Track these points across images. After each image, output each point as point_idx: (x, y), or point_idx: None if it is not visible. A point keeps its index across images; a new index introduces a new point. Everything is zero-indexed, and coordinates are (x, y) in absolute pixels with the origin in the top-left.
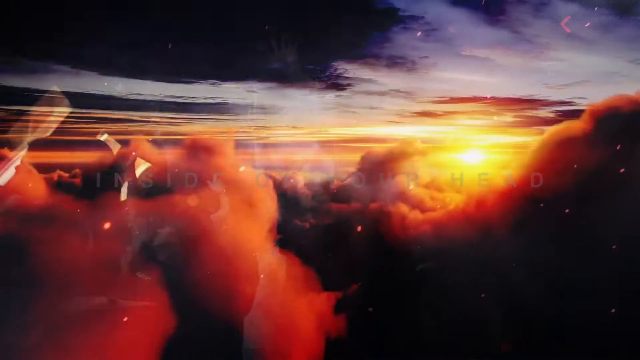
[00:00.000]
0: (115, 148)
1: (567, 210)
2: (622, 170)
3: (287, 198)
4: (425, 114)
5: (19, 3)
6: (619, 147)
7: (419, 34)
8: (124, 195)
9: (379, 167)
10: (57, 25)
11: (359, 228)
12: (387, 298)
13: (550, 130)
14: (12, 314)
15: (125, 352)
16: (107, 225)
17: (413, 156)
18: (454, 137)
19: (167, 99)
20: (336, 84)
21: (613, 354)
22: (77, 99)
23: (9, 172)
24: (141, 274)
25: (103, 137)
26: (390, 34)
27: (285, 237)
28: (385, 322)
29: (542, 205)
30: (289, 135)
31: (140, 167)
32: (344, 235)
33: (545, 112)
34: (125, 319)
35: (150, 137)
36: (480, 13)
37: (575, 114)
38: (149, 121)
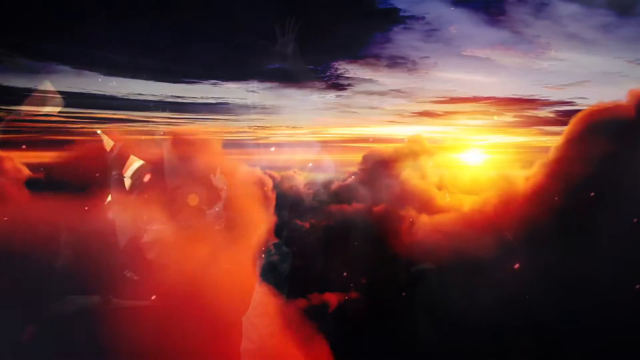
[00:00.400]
0: (109, 145)
1: (592, 194)
2: None
3: (286, 198)
4: (426, 114)
5: (20, 3)
6: None
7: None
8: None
9: (383, 167)
10: (58, 25)
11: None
12: (389, 302)
13: (581, 114)
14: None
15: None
16: (96, 222)
17: (421, 155)
18: (455, 137)
19: (168, 99)
20: (337, 84)
21: None
22: (78, 100)
23: None
24: (129, 272)
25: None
26: (391, 35)
27: (284, 239)
28: (387, 328)
29: (557, 199)
30: (289, 135)
31: (133, 165)
32: (345, 236)
33: (545, 112)
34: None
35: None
36: (481, 13)
37: (575, 114)
38: (149, 121)
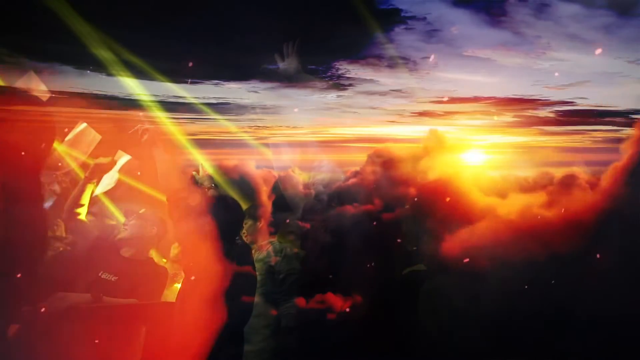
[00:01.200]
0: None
1: None
2: None
3: (286, 198)
4: (426, 114)
5: (22, 4)
6: None
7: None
8: (103, 187)
9: (392, 167)
10: (61, 26)
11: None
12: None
13: None
14: None
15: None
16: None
17: (439, 153)
18: (455, 136)
19: (170, 99)
20: (338, 84)
21: None
22: (78, 99)
23: None
24: (104, 273)
25: (82, 126)
26: (393, 35)
27: (283, 240)
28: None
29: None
30: (289, 135)
31: (121, 160)
32: (346, 238)
33: (546, 112)
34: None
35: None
36: (482, 14)
37: (575, 114)
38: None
